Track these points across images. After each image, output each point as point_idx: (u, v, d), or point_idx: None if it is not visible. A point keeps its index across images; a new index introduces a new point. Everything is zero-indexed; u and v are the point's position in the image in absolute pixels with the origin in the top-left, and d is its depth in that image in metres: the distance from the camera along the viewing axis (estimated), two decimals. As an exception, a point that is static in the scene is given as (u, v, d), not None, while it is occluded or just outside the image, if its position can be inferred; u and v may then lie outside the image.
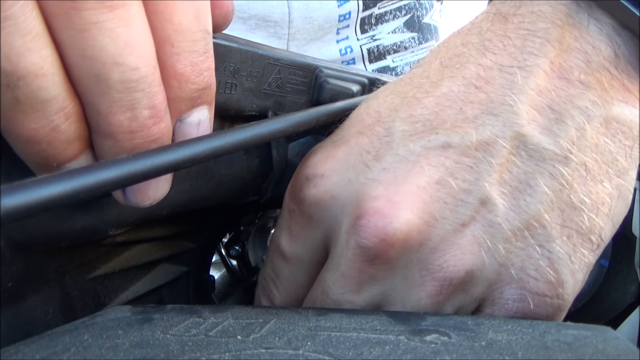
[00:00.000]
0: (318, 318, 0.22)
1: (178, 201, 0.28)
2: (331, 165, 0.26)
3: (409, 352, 0.18)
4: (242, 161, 0.31)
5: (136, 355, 0.18)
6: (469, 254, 0.23)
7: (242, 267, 0.49)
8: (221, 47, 0.26)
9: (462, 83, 0.25)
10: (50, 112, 0.18)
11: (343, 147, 0.26)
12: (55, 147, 0.19)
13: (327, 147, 0.27)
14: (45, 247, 0.24)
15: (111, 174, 0.18)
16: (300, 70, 0.31)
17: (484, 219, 0.23)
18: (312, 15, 0.58)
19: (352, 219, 0.24)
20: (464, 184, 0.23)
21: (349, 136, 0.26)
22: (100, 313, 0.24)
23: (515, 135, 0.23)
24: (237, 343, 0.19)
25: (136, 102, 0.19)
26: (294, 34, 0.58)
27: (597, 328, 0.21)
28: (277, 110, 0.30)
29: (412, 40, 0.67)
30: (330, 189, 0.25)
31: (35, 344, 0.20)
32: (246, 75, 0.28)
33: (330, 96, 0.31)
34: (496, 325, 0.21)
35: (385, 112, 0.26)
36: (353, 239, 0.24)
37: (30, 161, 0.20)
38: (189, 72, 0.21)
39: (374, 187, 0.24)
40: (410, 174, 0.24)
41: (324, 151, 0.27)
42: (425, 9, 0.69)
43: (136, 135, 0.20)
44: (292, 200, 0.27)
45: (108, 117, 0.19)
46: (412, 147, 0.24)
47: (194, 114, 0.22)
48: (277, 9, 0.56)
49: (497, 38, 0.25)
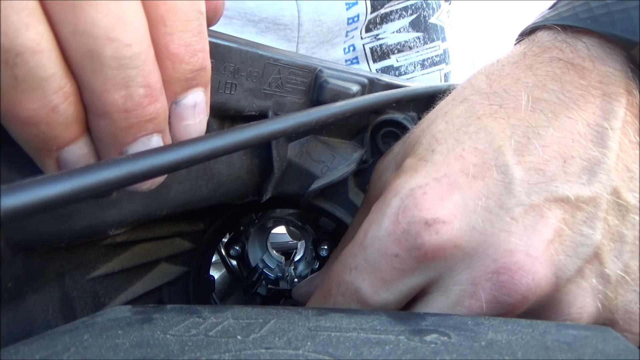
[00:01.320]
0: (318, 318, 0.22)
1: (178, 201, 0.28)
2: (450, 210, 0.24)
3: (409, 352, 0.18)
4: (242, 161, 0.31)
5: (136, 355, 0.18)
6: (590, 304, 0.25)
7: (242, 267, 0.49)
8: (221, 47, 0.26)
9: (561, 135, 0.25)
10: (49, 91, 0.18)
11: (456, 189, 0.24)
12: (54, 129, 0.19)
13: (433, 187, 0.25)
14: (45, 247, 0.24)
15: (111, 174, 0.18)
16: (300, 70, 0.31)
17: (596, 270, 0.25)
18: (321, 18, 0.58)
19: (488, 273, 0.23)
20: (581, 237, 0.24)
21: (454, 176, 0.25)
22: (100, 313, 0.24)
23: (613, 191, 0.25)
24: (237, 343, 0.19)
25: (130, 79, 0.19)
26: (303, 37, 0.58)
27: (597, 328, 0.21)
28: (277, 110, 0.30)
29: (417, 40, 0.67)
30: (454, 237, 0.24)
31: (35, 344, 0.20)
32: (246, 75, 0.28)
33: (330, 96, 0.31)
34: (496, 325, 0.21)
35: (488, 152, 0.25)
36: (489, 294, 0.24)
37: (29, 146, 0.19)
38: (183, 53, 0.21)
39: (507, 240, 0.23)
40: (538, 225, 0.24)
41: (433, 192, 0.24)
42: (432, 9, 0.68)
43: (131, 115, 0.19)
44: (399, 245, 0.24)
45: (103, 96, 0.19)
46: (535, 198, 0.24)
47: (189, 95, 0.22)
48: (287, 12, 0.56)
49: (579, 92, 0.26)
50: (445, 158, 0.25)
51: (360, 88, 0.33)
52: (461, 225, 0.24)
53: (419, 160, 0.26)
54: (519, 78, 0.27)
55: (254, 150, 0.31)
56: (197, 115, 0.22)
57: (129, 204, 0.26)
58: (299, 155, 0.34)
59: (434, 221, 0.24)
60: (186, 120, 0.22)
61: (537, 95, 0.26)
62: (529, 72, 0.27)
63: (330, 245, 0.43)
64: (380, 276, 0.25)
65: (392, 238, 0.24)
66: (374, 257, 0.25)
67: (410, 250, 0.24)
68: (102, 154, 0.21)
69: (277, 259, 0.51)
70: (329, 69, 0.32)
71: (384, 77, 0.36)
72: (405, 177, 0.26)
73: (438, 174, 0.25)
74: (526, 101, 0.26)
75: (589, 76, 0.26)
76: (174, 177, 0.27)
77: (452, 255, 0.24)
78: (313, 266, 0.47)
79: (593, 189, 0.25)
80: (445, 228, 0.24)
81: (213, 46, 0.26)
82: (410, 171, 0.26)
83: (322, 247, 0.43)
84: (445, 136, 0.26)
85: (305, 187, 0.33)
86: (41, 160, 0.20)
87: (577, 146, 0.25)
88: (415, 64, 0.68)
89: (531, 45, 0.28)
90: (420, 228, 0.24)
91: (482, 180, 0.24)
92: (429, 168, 0.25)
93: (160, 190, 0.27)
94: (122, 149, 0.20)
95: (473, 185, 0.24)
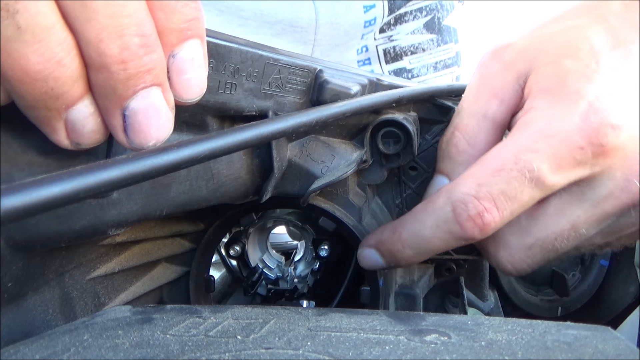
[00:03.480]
0: (318, 318, 0.22)
1: (178, 201, 0.28)
2: (627, 118, 0.28)
3: (409, 352, 0.18)
4: (242, 161, 0.31)
5: (136, 355, 0.18)
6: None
7: (242, 267, 0.49)
8: (221, 47, 0.26)
9: None
10: (52, 42, 0.18)
11: (628, 99, 0.29)
12: (63, 85, 0.19)
13: (614, 95, 0.28)
14: (45, 247, 0.24)
15: (111, 174, 0.18)
16: (300, 70, 0.31)
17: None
18: (338, 21, 0.58)
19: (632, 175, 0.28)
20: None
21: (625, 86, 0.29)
22: (100, 313, 0.24)
23: None
24: (237, 343, 0.19)
25: (124, 28, 0.19)
26: (319, 39, 0.58)
27: (597, 328, 0.21)
28: (277, 110, 0.30)
29: (431, 42, 0.67)
30: (625, 141, 0.28)
31: (35, 344, 0.20)
32: (246, 75, 0.28)
33: (330, 96, 0.31)
34: (496, 325, 0.21)
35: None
36: (634, 189, 0.28)
37: (40, 106, 0.20)
38: (174, 2, 0.21)
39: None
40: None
41: (615, 99, 0.28)
42: (446, 10, 0.68)
43: (129, 65, 0.20)
44: (587, 139, 0.28)
45: (99, 47, 0.19)
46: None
47: (185, 47, 0.22)
48: (304, 14, 0.56)
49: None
50: (614, 70, 0.29)
51: (360, 88, 0.33)
52: (630, 132, 0.28)
53: (586, 67, 0.29)
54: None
55: (254, 150, 0.31)
56: (196, 68, 0.22)
57: (129, 204, 0.26)
58: (299, 155, 0.34)
59: (618, 126, 0.28)
60: (186, 74, 0.22)
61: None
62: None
63: (331, 245, 0.43)
64: (558, 162, 0.28)
65: (582, 133, 0.28)
66: (557, 145, 0.28)
67: (594, 146, 0.28)
68: (106, 113, 0.21)
69: (277, 259, 0.51)
70: (329, 69, 0.32)
71: (385, 77, 0.36)
72: (580, 83, 0.29)
73: (612, 85, 0.28)
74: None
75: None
76: (174, 177, 0.27)
77: (617, 155, 0.28)
78: (313, 266, 0.47)
79: None
80: (623, 133, 0.28)
81: (213, 46, 0.26)
82: (583, 78, 0.29)
83: (322, 247, 0.43)
84: (606, 49, 0.29)
85: (305, 187, 0.33)
86: (51, 124, 0.20)
87: None
88: (428, 67, 0.67)
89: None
90: (607, 129, 0.28)
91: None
92: (602, 79, 0.29)
93: (160, 190, 0.27)
94: (124, 104, 0.20)
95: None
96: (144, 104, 0.20)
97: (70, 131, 0.20)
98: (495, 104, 0.32)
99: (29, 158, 0.22)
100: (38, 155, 0.22)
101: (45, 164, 0.22)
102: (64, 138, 0.21)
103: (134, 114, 0.20)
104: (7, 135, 0.21)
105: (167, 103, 0.21)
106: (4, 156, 0.21)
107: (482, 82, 0.33)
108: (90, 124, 0.20)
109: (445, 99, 0.38)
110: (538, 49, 0.31)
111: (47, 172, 0.22)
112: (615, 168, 0.29)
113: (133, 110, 0.20)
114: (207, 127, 0.28)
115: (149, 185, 0.26)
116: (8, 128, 0.21)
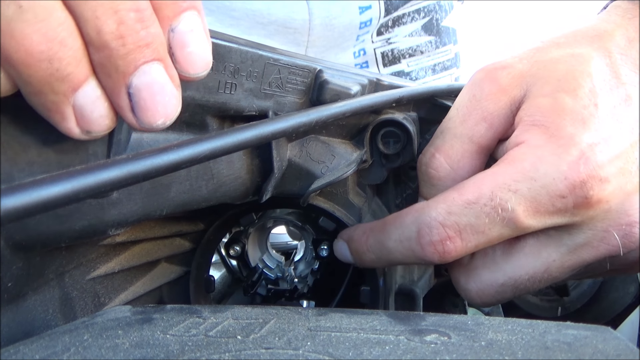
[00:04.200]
0: (318, 318, 0.22)
1: (178, 201, 0.28)
2: (614, 170, 0.28)
3: (409, 352, 0.18)
4: (242, 161, 0.31)
5: (136, 355, 0.18)
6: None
7: (242, 267, 0.49)
8: (221, 47, 0.26)
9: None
10: (54, 22, 0.18)
11: (619, 152, 0.28)
12: (67, 66, 0.19)
13: (606, 147, 0.28)
14: (45, 247, 0.24)
15: (111, 174, 0.18)
16: (300, 70, 0.31)
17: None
18: (333, 22, 0.57)
19: (622, 225, 0.28)
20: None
21: (618, 137, 0.28)
22: (100, 313, 0.24)
23: None
24: (237, 343, 0.19)
25: (119, 3, 0.19)
26: (313, 40, 0.57)
27: (597, 328, 0.21)
28: (277, 110, 0.30)
29: (429, 44, 0.66)
30: (610, 194, 0.28)
31: (35, 344, 0.20)
32: (246, 75, 0.28)
33: (330, 96, 0.31)
34: (496, 325, 0.21)
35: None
36: (619, 240, 0.28)
37: (46, 90, 0.20)
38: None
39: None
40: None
41: (607, 151, 0.28)
42: (445, 11, 0.67)
43: (127, 41, 0.20)
44: (571, 190, 0.28)
45: (96, 24, 0.19)
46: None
47: (183, 19, 0.22)
48: (297, 15, 0.55)
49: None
50: (611, 116, 0.28)
51: (360, 88, 0.33)
52: (618, 184, 0.28)
53: (584, 109, 0.28)
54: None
55: (254, 150, 0.31)
56: (198, 40, 0.22)
57: (129, 204, 0.26)
58: (299, 155, 0.34)
59: (606, 179, 0.28)
60: (188, 47, 0.22)
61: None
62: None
63: (330, 245, 0.43)
64: (536, 207, 0.28)
65: (567, 182, 0.27)
66: (539, 189, 0.28)
67: (578, 197, 0.28)
68: (111, 93, 0.21)
69: (277, 259, 0.51)
70: (329, 69, 0.32)
71: (385, 77, 0.36)
72: (575, 127, 0.28)
73: (606, 133, 0.28)
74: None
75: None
76: (174, 177, 0.27)
77: (600, 207, 0.28)
78: (313, 266, 0.47)
79: None
80: (609, 186, 0.28)
81: (213, 46, 0.26)
82: (578, 121, 0.28)
83: (322, 247, 0.43)
84: (607, 89, 0.29)
85: (305, 187, 0.33)
86: (60, 110, 0.20)
87: None
88: (426, 69, 0.67)
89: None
90: (594, 182, 0.27)
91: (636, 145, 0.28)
92: (598, 125, 0.28)
93: (160, 190, 0.27)
94: (127, 80, 0.20)
95: (633, 149, 0.28)
96: (147, 79, 0.20)
97: (79, 117, 0.20)
98: (484, 127, 0.31)
99: (29, 158, 0.22)
100: (38, 155, 0.22)
101: (45, 164, 0.22)
102: (74, 126, 0.21)
103: (139, 91, 0.20)
104: (7, 135, 0.21)
105: (172, 80, 0.21)
106: (4, 156, 0.21)
107: (472, 104, 0.32)
108: (99, 108, 0.21)
109: (445, 99, 0.38)
110: (536, 76, 0.30)
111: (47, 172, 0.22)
112: (597, 219, 0.28)
113: (137, 86, 0.20)
114: (207, 127, 0.28)
115: (149, 185, 0.26)
116: (8, 128, 0.21)
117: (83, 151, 0.23)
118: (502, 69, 0.31)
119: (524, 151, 0.29)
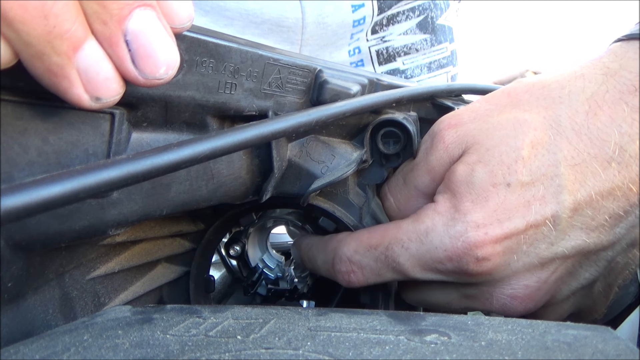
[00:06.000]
0: (318, 318, 0.22)
1: (178, 201, 0.28)
2: (498, 251, 0.30)
3: (409, 352, 0.18)
4: (242, 161, 0.31)
5: (136, 355, 0.18)
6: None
7: (242, 267, 0.49)
8: (221, 47, 0.26)
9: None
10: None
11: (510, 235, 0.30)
12: (64, 21, 0.19)
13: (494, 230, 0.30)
14: (45, 247, 0.24)
15: (111, 174, 0.18)
16: (300, 70, 0.31)
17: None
18: (326, 20, 0.57)
19: (506, 296, 0.31)
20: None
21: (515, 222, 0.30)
22: (100, 313, 0.24)
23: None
24: (237, 343, 0.19)
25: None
26: (307, 39, 0.57)
27: (597, 328, 0.21)
28: (277, 110, 0.30)
29: (424, 42, 0.66)
30: (492, 270, 0.30)
31: (35, 344, 0.20)
32: (246, 75, 0.28)
33: (330, 96, 0.31)
34: (496, 325, 0.21)
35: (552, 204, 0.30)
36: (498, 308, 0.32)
37: (47, 51, 0.20)
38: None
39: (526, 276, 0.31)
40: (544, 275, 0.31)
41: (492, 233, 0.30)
42: (440, 9, 0.67)
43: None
44: (449, 261, 0.31)
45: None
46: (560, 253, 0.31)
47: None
48: (290, 14, 0.56)
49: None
50: (517, 203, 0.30)
51: (360, 88, 0.33)
52: (501, 261, 0.30)
53: (493, 187, 0.30)
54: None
55: (254, 150, 0.31)
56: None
57: (129, 204, 0.26)
58: (299, 155, 0.34)
59: (483, 258, 0.30)
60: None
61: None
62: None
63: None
64: (421, 264, 0.32)
65: (447, 254, 0.30)
66: (424, 253, 0.31)
67: (456, 267, 0.30)
68: (109, 45, 0.21)
69: (277, 259, 0.51)
70: (329, 69, 0.32)
71: (385, 77, 0.36)
72: (474, 203, 0.30)
73: (503, 216, 0.30)
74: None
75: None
76: (174, 177, 0.27)
77: (482, 278, 0.31)
78: (313, 266, 0.47)
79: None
80: (488, 263, 0.30)
81: (213, 46, 0.26)
82: (480, 198, 0.30)
83: (322, 247, 0.43)
84: (531, 167, 0.30)
85: (305, 187, 0.33)
86: (65, 72, 0.20)
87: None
88: (421, 67, 0.67)
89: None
90: (471, 260, 0.30)
91: (536, 229, 0.30)
92: (498, 206, 0.30)
93: (160, 190, 0.27)
94: (123, 26, 0.20)
95: (527, 233, 0.30)
96: (142, 24, 0.21)
97: (85, 81, 0.20)
98: (428, 180, 0.35)
99: (29, 158, 0.22)
100: (38, 155, 0.22)
101: (45, 164, 0.22)
102: (82, 92, 0.21)
103: (136, 37, 0.21)
104: (7, 135, 0.21)
105: (165, 29, 0.21)
106: (4, 156, 0.21)
107: (422, 155, 0.35)
108: (104, 70, 0.21)
109: (445, 99, 0.38)
110: (473, 141, 0.32)
111: (47, 172, 0.22)
112: (483, 284, 0.31)
113: (134, 32, 0.20)
114: (207, 127, 0.28)
115: (149, 185, 0.26)
116: (8, 128, 0.21)
117: (83, 151, 0.23)
118: (452, 127, 0.34)
119: (427, 213, 0.32)
